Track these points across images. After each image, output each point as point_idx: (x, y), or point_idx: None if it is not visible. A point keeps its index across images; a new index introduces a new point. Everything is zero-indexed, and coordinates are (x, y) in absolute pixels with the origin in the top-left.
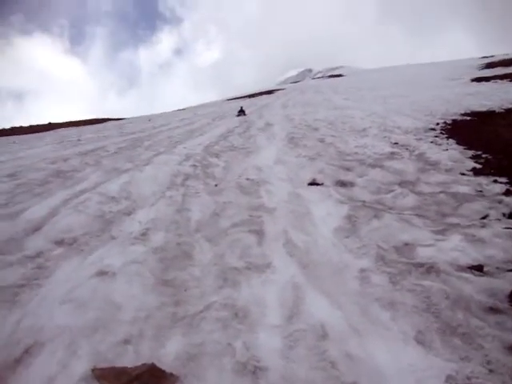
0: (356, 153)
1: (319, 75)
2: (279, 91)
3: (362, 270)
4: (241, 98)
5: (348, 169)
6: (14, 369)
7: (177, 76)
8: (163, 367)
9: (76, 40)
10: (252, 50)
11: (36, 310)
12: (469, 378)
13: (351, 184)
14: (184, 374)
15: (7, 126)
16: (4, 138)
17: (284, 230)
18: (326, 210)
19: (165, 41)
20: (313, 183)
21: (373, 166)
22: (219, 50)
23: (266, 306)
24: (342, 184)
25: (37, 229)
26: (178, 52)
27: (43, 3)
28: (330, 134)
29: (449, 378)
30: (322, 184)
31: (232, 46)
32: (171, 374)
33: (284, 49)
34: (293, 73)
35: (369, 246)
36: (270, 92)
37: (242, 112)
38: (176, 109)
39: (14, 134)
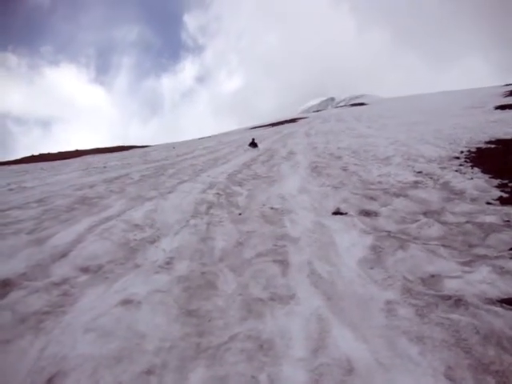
0: (379, 182)
1: (342, 104)
2: (302, 120)
3: (388, 302)
4: (263, 126)
5: (372, 198)
6: None
7: (199, 104)
8: None
9: (102, 69)
10: (273, 79)
11: (60, 337)
12: None
13: (375, 213)
14: None
15: (36, 153)
16: (33, 165)
17: (308, 261)
18: (351, 240)
19: (187, 69)
20: (337, 212)
21: (397, 195)
22: (240, 78)
23: (290, 338)
24: (366, 213)
25: (63, 255)
26: (200, 80)
27: (72, 34)
28: (353, 163)
29: None
30: (346, 213)
31: (253, 74)
32: None
33: (305, 77)
34: (315, 101)
35: (394, 277)
36: (293, 120)
37: (253, 144)
38: (198, 137)
39: (43, 160)
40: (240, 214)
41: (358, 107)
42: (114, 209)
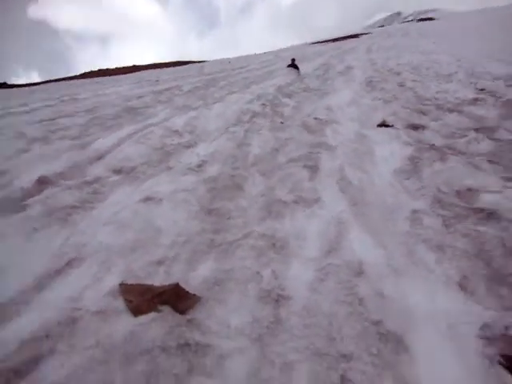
0: (436, 98)
1: (409, 18)
2: (365, 35)
3: (415, 211)
4: (323, 42)
5: (423, 113)
6: (54, 277)
7: (256, 18)
8: (189, 288)
9: None
10: None
11: (84, 228)
12: (507, 328)
13: (423, 127)
14: (207, 296)
15: (95, 69)
16: (90, 79)
17: (340, 167)
18: (390, 151)
19: None
20: (382, 125)
21: (451, 110)
22: None
23: (305, 239)
24: (414, 127)
25: (100, 157)
26: None
27: None
28: (412, 79)
29: (484, 326)
30: (391, 126)
31: None
32: (194, 295)
33: None
34: (381, 16)
35: (428, 187)
36: (354, 36)
37: (292, 66)
38: (255, 52)
39: (101, 75)
40: (282, 123)
41: (426, 22)
42: (157, 117)
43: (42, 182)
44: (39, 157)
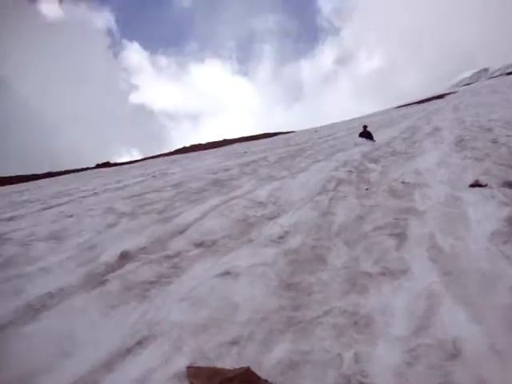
0: None
1: (497, 73)
2: (450, 95)
3: None
4: (408, 105)
5: None
6: (124, 357)
7: (339, 86)
8: (261, 373)
9: (243, 60)
10: (416, 55)
11: (160, 305)
12: None
13: None
14: (280, 382)
15: (187, 145)
16: (182, 155)
17: (431, 234)
18: (485, 213)
19: (326, 52)
20: (475, 185)
21: None
22: (381, 57)
23: (392, 316)
24: (510, 185)
25: (182, 231)
26: (339, 62)
27: (213, 30)
28: (505, 134)
29: None
30: (485, 185)
31: (394, 51)
32: (265, 381)
33: (454, 50)
34: (466, 74)
35: None
36: (440, 97)
37: (365, 134)
38: (340, 120)
39: (193, 151)
40: (367, 189)
41: None
42: (242, 189)
43: (124, 257)
44: (125, 231)
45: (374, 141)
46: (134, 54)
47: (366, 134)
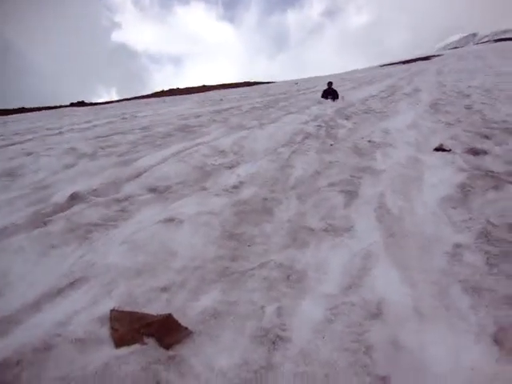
0: (505, 121)
1: (485, 39)
2: (436, 57)
3: (457, 246)
4: (393, 64)
5: (487, 136)
6: (54, 298)
7: (325, 40)
8: (184, 320)
9: (229, 6)
10: (406, 13)
11: (99, 247)
12: None
13: (484, 152)
14: (199, 330)
15: (166, 88)
16: (158, 98)
17: (381, 194)
18: (441, 177)
19: (314, 3)
20: (439, 149)
21: None
22: (370, 13)
23: (325, 273)
24: (474, 152)
25: (137, 175)
26: (327, 15)
27: None
28: (481, 101)
29: None
30: (449, 150)
31: (384, 8)
32: (185, 329)
33: (444, 11)
34: (454, 38)
35: (476, 219)
36: (426, 58)
37: (329, 93)
38: (324, 74)
39: (171, 95)
40: (331, 145)
41: (503, 43)
42: (209, 136)
43: (74, 198)
44: (81, 173)
45: (337, 99)
46: None
47: (331, 92)
